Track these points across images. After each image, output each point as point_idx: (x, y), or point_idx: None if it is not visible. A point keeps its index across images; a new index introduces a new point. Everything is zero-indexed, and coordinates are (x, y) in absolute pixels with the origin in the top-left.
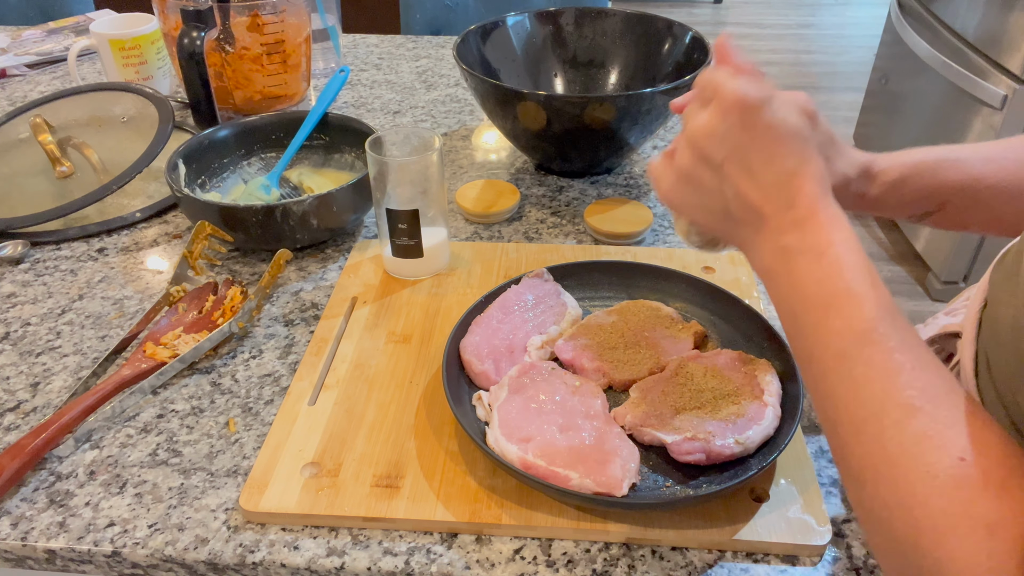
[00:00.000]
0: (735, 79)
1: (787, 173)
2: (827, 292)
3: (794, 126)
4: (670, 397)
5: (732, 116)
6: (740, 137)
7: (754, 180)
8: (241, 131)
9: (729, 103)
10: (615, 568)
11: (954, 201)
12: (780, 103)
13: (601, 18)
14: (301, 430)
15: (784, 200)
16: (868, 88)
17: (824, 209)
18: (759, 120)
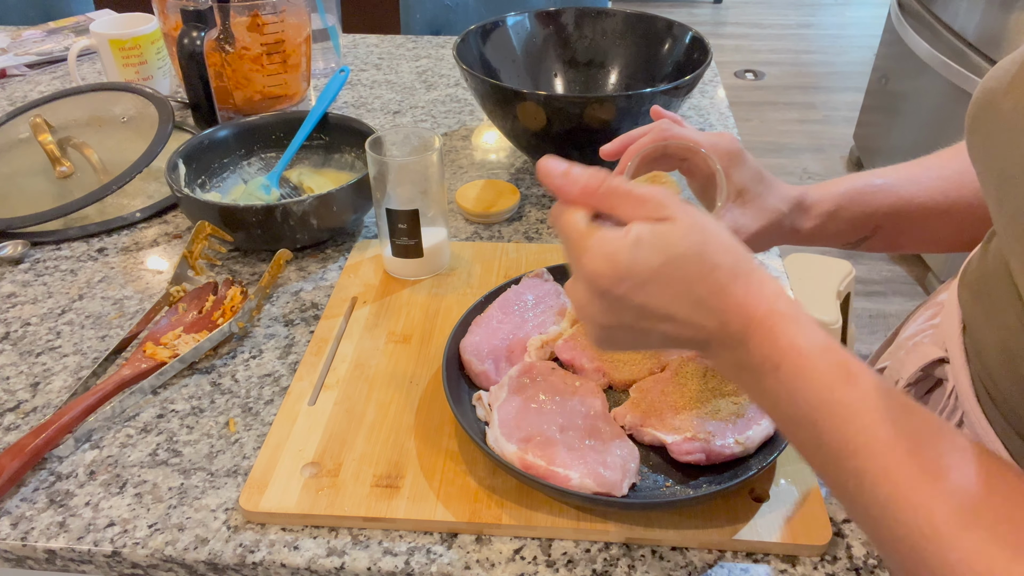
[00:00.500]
0: (589, 244)
1: (700, 300)
2: (803, 406)
3: (675, 259)
4: (670, 397)
5: (613, 291)
6: (633, 301)
7: (672, 322)
8: (241, 131)
9: (598, 283)
10: (615, 568)
11: (887, 225)
12: (644, 245)
13: (601, 18)
14: (301, 430)
15: (714, 326)
16: (868, 88)
17: (757, 310)
18: (638, 280)
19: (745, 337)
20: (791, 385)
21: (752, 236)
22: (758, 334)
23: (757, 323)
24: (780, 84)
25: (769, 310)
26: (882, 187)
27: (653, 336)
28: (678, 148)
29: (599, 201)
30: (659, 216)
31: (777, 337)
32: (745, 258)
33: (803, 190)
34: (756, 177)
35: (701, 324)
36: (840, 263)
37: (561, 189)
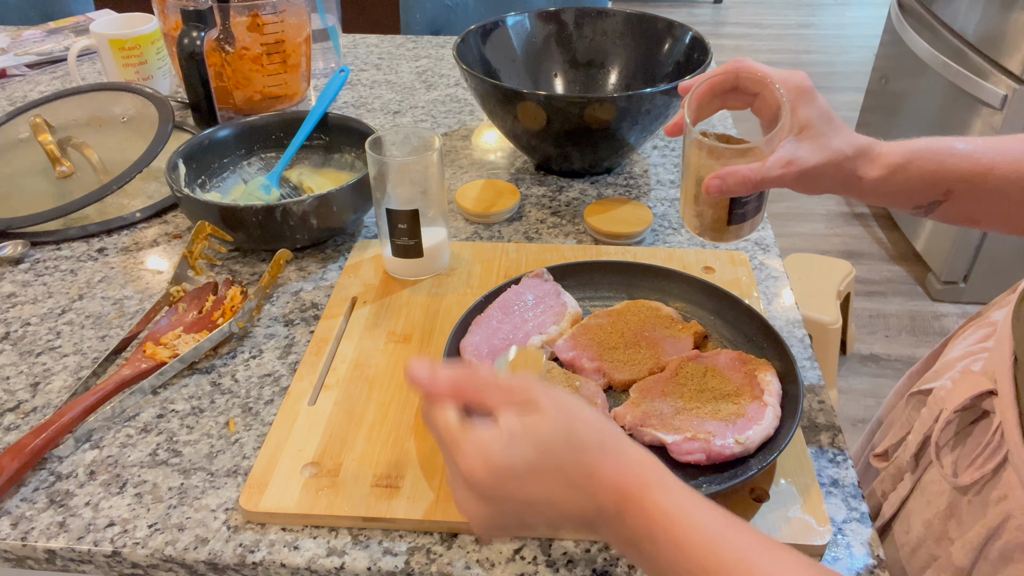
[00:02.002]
0: (464, 450)
1: (575, 486)
2: (686, 572)
3: (547, 450)
4: (670, 397)
5: (494, 492)
6: (515, 497)
7: (554, 508)
8: (241, 131)
9: (477, 484)
10: (615, 568)
11: (961, 190)
12: (517, 440)
13: (601, 18)
14: (301, 430)
15: (593, 507)
16: (868, 88)
17: (627, 490)
18: (516, 477)
19: (621, 513)
20: (670, 553)
21: (809, 170)
22: (632, 510)
23: (630, 499)
24: None
25: (638, 482)
26: (961, 150)
27: (540, 522)
28: (749, 80)
29: (467, 395)
30: (524, 401)
31: (647, 508)
32: (610, 432)
33: (874, 140)
34: (824, 117)
35: (581, 506)
36: (840, 263)
37: (430, 390)
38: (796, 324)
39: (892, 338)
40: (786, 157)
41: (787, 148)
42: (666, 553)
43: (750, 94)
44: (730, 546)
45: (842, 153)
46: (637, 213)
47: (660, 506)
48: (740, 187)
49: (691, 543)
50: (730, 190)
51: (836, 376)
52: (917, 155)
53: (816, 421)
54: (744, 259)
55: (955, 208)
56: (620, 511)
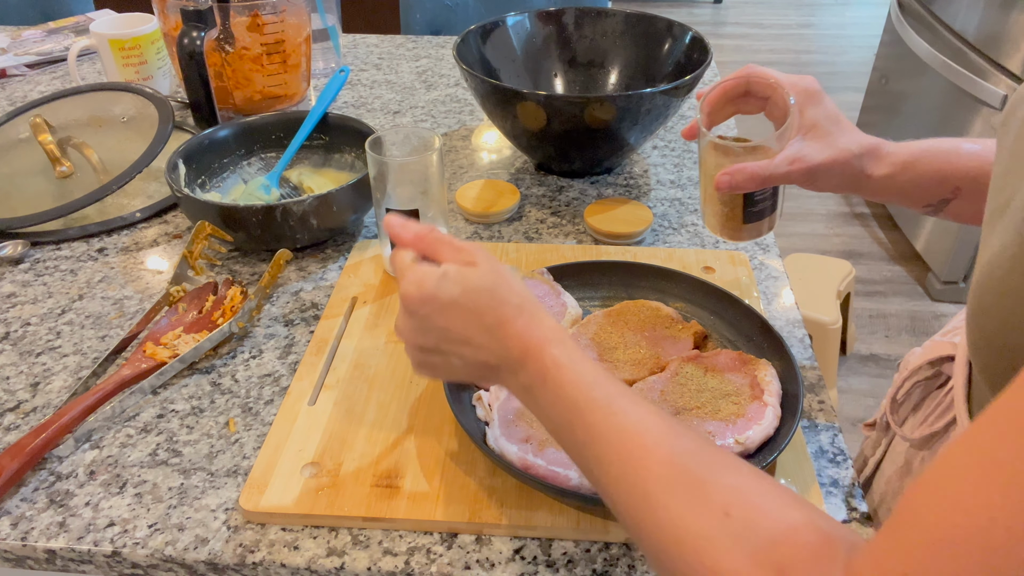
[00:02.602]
0: (405, 273)
1: (489, 329)
2: (561, 412)
3: (474, 287)
4: (670, 397)
5: (418, 311)
6: (436, 323)
7: (470, 345)
8: (241, 131)
9: (409, 304)
10: (615, 568)
11: (968, 189)
12: (448, 278)
13: (601, 18)
14: (301, 430)
15: (500, 350)
16: (868, 88)
17: (532, 338)
18: (440, 303)
19: (524, 361)
20: (554, 394)
21: (815, 167)
22: (532, 358)
23: (532, 349)
24: None
25: (541, 338)
26: (967, 149)
27: (454, 359)
28: (760, 85)
29: (426, 246)
30: (467, 261)
31: (544, 358)
32: (531, 301)
33: (882, 140)
34: (831, 117)
35: (491, 349)
36: (840, 263)
37: (398, 235)
38: (796, 324)
39: (892, 338)
40: (793, 155)
41: (794, 146)
42: (552, 394)
43: (761, 98)
44: (602, 391)
45: (849, 151)
46: (637, 213)
47: (554, 357)
48: (748, 182)
49: (572, 386)
50: (739, 185)
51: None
52: (925, 154)
53: (816, 421)
54: (744, 259)
55: (964, 206)
56: (522, 359)
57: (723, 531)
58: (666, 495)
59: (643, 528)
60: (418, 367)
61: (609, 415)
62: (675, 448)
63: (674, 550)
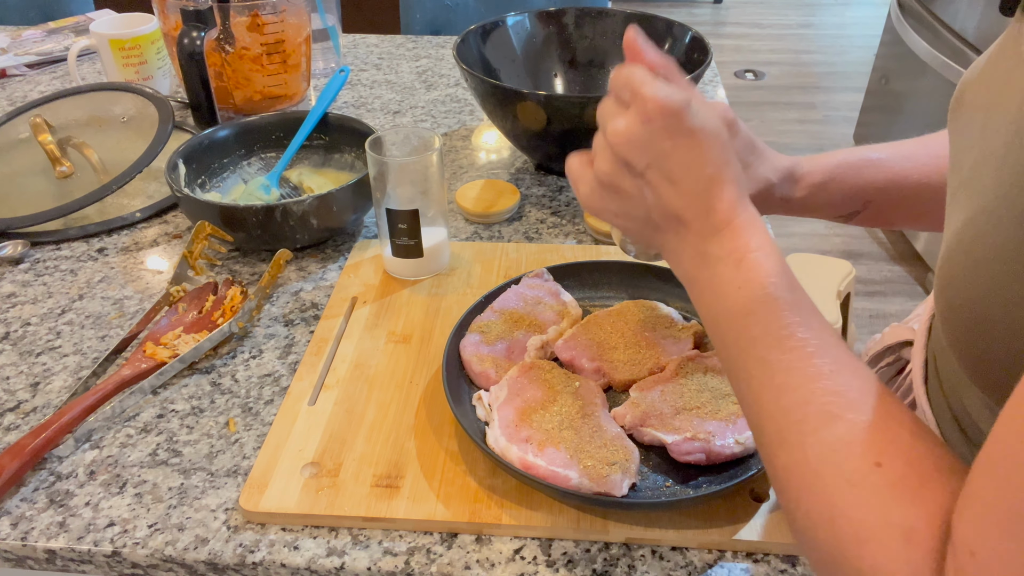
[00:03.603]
0: (654, 82)
1: (707, 179)
2: (746, 298)
3: (714, 131)
4: (670, 397)
5: (654, 122)
6: (662, 144)
7: (675, 187)
8: (241, 131)
9: (651, 109)
10: (615, 568)
11: (878, 200)
12: (700, 107)
13: (601, 18)
14: (301, 430)
15: (704, 207)
16: (868, 88)
17: (742, 214)
18: (681, 126)
19: (722, 230)
20: (745, 278)
21: None
22: (734, 232)
23: (738, 223)
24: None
25: (751, 217)
26: (876, 161)
27: (650, 193)
28: None
29: (669, 73)
30: (711, 105)
31: (750, 238)
32: (744, 179)
33: (795, 161)
34: (748, 147)
35: (694, 201)
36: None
37: (640, 52)
38: None
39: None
40: None
41: None
42: (744, 275)
43: None
44: (796, 294)
45: (769, 181)
46: None
47: (760, 242)
48: None
49: (769, 277)
50: None
51: None
52: (837, 171)
53: None
54: None
55: (872, 215)
56: (723, 228)
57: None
58: (823, 427)
59: (786, 447)
60: (591, 193)
61: (798, 325)
62: (850, 384)
63: (815, 484)
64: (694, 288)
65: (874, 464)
